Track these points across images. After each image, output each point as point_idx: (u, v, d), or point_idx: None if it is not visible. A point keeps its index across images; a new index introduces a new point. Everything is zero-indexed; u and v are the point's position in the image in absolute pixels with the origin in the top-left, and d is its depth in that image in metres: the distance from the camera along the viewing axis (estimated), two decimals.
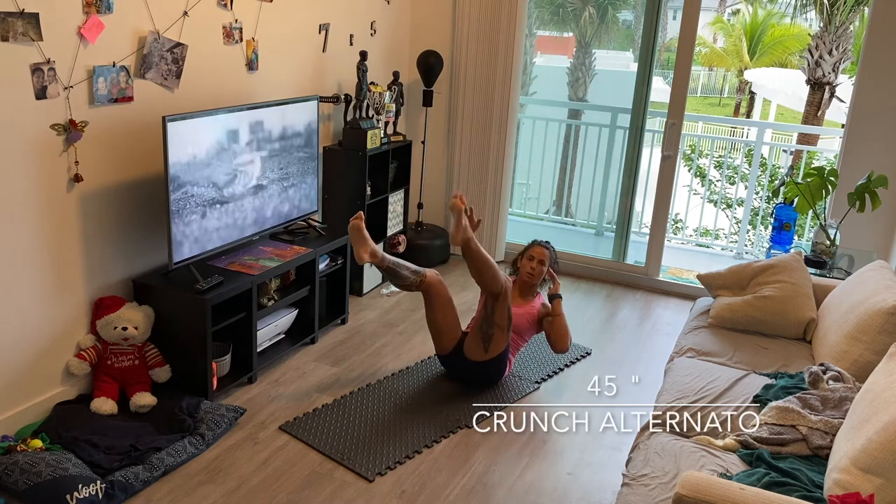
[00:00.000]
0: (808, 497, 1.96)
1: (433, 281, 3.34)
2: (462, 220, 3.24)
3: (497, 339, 3.26)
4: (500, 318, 3.24)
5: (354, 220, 3.26)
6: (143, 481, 2.58)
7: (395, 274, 3.30)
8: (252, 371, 3.35)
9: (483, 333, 3.27)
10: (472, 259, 3.24)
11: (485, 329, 3.26)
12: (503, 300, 3.23)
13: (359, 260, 3.24)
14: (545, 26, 11.72)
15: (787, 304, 3.12)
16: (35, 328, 2.83)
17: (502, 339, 3.27)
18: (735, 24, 17.05)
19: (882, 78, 4.02)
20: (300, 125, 3.69)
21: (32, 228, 2.75)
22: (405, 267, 3.32)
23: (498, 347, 3.28)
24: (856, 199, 3.60)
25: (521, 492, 2.73)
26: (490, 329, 3.25)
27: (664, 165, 4.66)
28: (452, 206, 3.27)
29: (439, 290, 3.35)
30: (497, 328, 3.25)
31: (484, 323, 3.26)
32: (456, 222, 3.26)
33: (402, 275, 3.29)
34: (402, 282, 3.32)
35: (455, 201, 3.26)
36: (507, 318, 3.26)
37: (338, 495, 2.64)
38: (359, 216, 3.26)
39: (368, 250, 3.23)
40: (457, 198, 3.27)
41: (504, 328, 3.26)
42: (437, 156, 5.10)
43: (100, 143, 2.95)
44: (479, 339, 3.28)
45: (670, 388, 2.66)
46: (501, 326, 3.25)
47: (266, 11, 3.68)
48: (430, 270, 3.37)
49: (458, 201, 3.26)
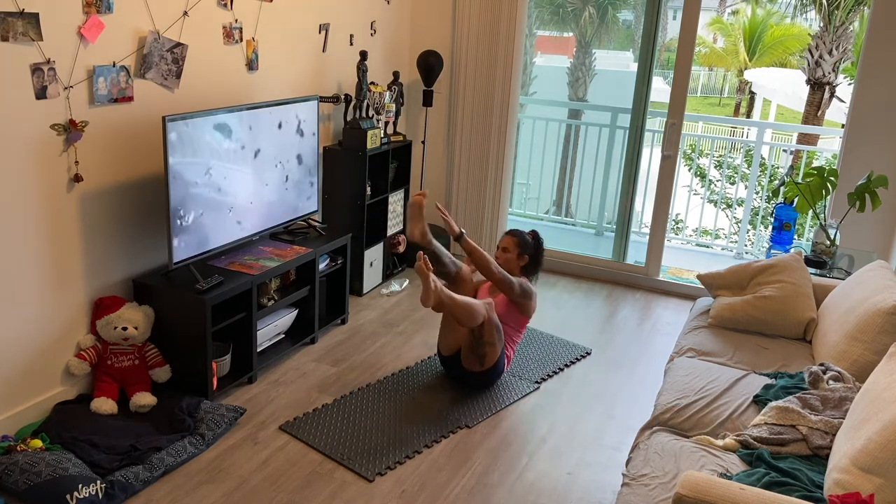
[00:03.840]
0: (808, 497, 1.96)
1: (465, 275, 3.53)
2: (430, 283, 3.04)
3: (489, 354, 3.27)
4: (489, 338, 3.24)
5: (418, 195, 3.42)
6: (143, 481, 2.59)
7: (437, 259, 3.43)
8: (252, 371, 3.35)
9: (476, 354, 3.27)
10: (449, 311, 3.19)
11: (477, 350, 3.26)
12: (488, 323, 3.20)
13: (410, 236, 3.40)
14: (545, 26, 11.72)
15: (787, 304, 3.12)
16: (35, 328, 2.84)
17: (494, 351, 3.28)
18: (734, 24, 17.06)
19: (882, 78, 4.02)
20: (300, 125, 3.69)
21: (32, 228, 2.75)
22: (446, 255, 3.48)
23: (492, 359, 3.30)
24: (856, 199, 3.60)
25: (521, 492, 2.73)
26: (482, 349, 3.26)
27: (664, 165, 4.67)
28: (418, 269, 3.05)
29: (466, 286, 3.51)
30: (488, 346, 3.25)
31: (475, 345, 3.26)
32: (424, 286, 3.05)
33: (444, 261, 3.46)
34: (442, 268, 3.45)
35: (420, 265, 3.05)
36: (494, 333, 3.25)
37: (338, 495, 2.64)
38: (423, 193, 3.42)
39: (421, 229, 3.39)
40: (421, 261, 3.06)
41: (494, 343, 3.26)
42: (437, 156, 5.10)
43: (100, 143, 2.95)
44: (474, 358, 3.29)
45: (670, 388, 2.66)
46: (492, 343, 3.25)
47: (266, 11, 3.68)
48: (466, 266, 3.54)
49: (422, 265, 3.05)
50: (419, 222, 3.39)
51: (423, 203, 3.42)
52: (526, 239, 3.54)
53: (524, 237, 3.54)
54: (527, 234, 3.57)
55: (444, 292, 3.11)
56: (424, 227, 3.39)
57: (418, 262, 3.06)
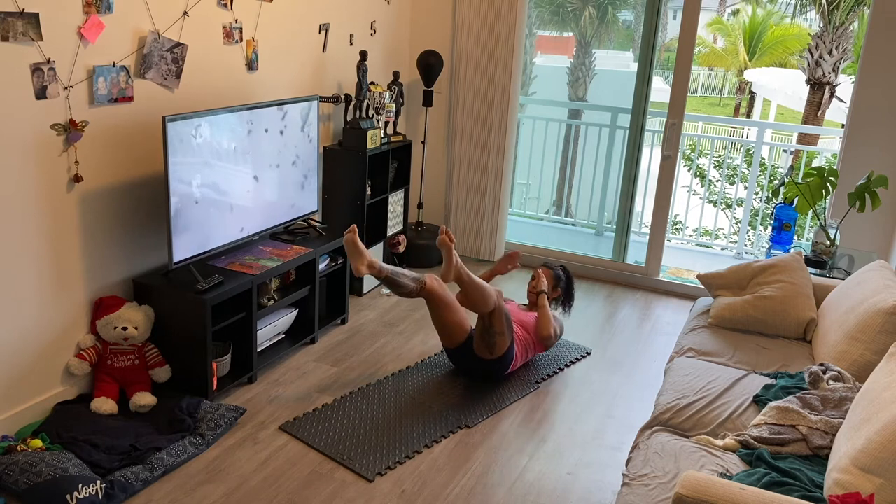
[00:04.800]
0: (808, 497, 1.96)
1: (433, 286, 3.32)
2: (453, 257, 3.21)
3: (499, 343, 3.34)
4: (498, 327, 3.31)
5: (348, 233, 3.19)
6: (143, 481, 2.59)
7: (394, 283, 3.24)
8: (252, 371, 3.35)
9: (486, 343, 3.34)
10: (466, 288, 3.26)
11: (487, 339, 3.34)
12: (498, 312, 3.28)
13: (357, 273, 3.18)
14: (545, 26, 11.73)
15: (787, 304, 3.12)
16: (35, 328, 2.84)
17: (504, 341, 3.35)
18: (734, 24, 17.06)
19: (882, 78, 4.02)
20: (300, 125, 3.69)
21: (32, 228, 2.75)
22: (403, 275, 3.27)
23: (502, 349, 3.36)
24: (856, 199, 3.60)
25: (521, 492, 2.73)
26: (492, 339, 3.33)
27: (664, 165, 4.67)
28: (441, 243, 3.22)
29: (440, 294, 3.34)
30: (497, 335, 3.32)
31: (485, 334, 3.33)
32: (447, 260, 3.22)
33: (402, 283, 3.24)
34: (402, 290, 3.26)
35: (443, 238, 3.22)
36: (504, 323, 3.32)
37: (338, 495, 2.64)
38: (352, 230, 3.20)
39: (366, 262, 3.18)
40: (444, 234, 3.23)
41: (503, 332, 3.33)
42: (437, 156, 5.10)
43: (100, 143, 2.95)
44: (484, 346, 3.36)
45: (670, 388, 2.66)
46: (501, 332, 3.32)
47: (266, 11, 3.68)
48: (429, 276, 3.33)
49: (445, 238, 3.22)
50: (361, 257, 3.19)
51: (356, 239, 3.21)
52: (559, 273, 3.81)
53: (557, 271, 3.81)
54: (558, 267, 3.84)
55: (465, 269, 3.24)
56: (369, 259, 3.22)
57: (441, 236, 3.23)
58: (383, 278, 3.22)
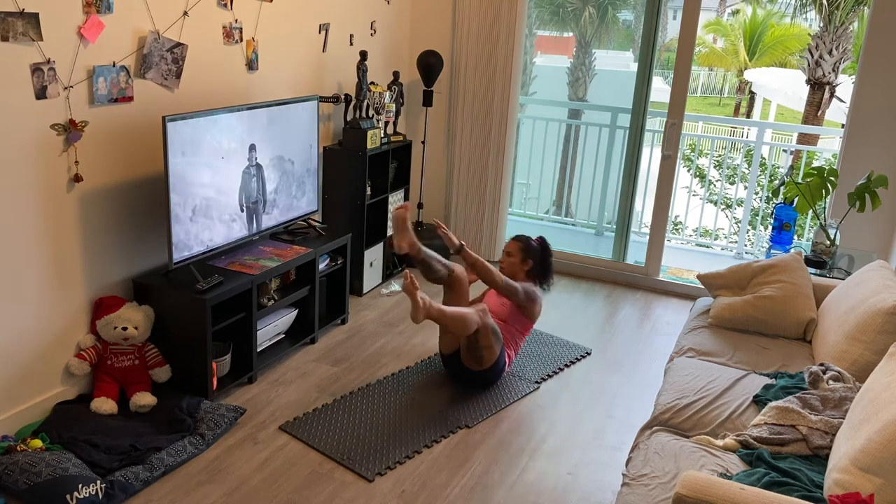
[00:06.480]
0: (808, 497, 1.96)
1: (460, 275, 3.46)
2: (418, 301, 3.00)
3: (486, 356, 3.26)
4: (485, 342, 3.22)
5: (399, 209, 3.32)
6: (143, 481, 2.59)
7: (428, 267, 3.36)
8: (252, 371, 3.35)
9: (473, 356, 3.27)
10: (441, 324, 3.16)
11: (474, 352, 3.25)
12: (483, 329, 3.18)
13: (398, 249, 3.30)
14: (545, 26, 11.74)
15: (787, 304, 3.12)
16: (35, 328, 2.84)
17: (492, 353, 3.27)
18: (733, 24, 17.06)
19: (882, 78, 4.02)
20: (300, 125, 3.69)
21: (32, 228, 2.75)
22: (437, 260, 3.40)
23: (490, 360, 3.28)
24: (856, 199, 3.60)
25: (521, 492, 2.73)
26: (479, 352, 3.25)
27: (664, 165, 4.67)
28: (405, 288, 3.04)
29: (462, 286, 3.47)
30: (484, 349, 3.24)
31: (471, 347, 3.24)
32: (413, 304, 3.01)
33: (435, 268, 3.38)
34: (433, 275, 3.38)
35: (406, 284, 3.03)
36: (491, 337, 3.22)
37: (338, 495, 2.64)
38: (405, 206, 3.33)
39: (408, 240, 3.31)
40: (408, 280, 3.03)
41: (491, 346, 3.25)
42: (437, 156, 5.10)
43: (100, 143, 2.95)
44: (471, 358, 3.28)
45: (670, 388, 2.66)
46: (488, 346, 3.24)
47: (266, 11, 3.68)
48: (459, 265, 3.46)
49: (408, 283, 3.03)
50: (406, 234, 3.31)
51: (407, 216, 3.29)
52: (530, 244, 3.58)
53: (528, 242, 3.59)
54: (533, 239, 3.62)
55: (434, 308, 3.08)
56: (412, 238, 3.32)
57: (405, 281, 3.06)
58: (419, 260, 3.33)
